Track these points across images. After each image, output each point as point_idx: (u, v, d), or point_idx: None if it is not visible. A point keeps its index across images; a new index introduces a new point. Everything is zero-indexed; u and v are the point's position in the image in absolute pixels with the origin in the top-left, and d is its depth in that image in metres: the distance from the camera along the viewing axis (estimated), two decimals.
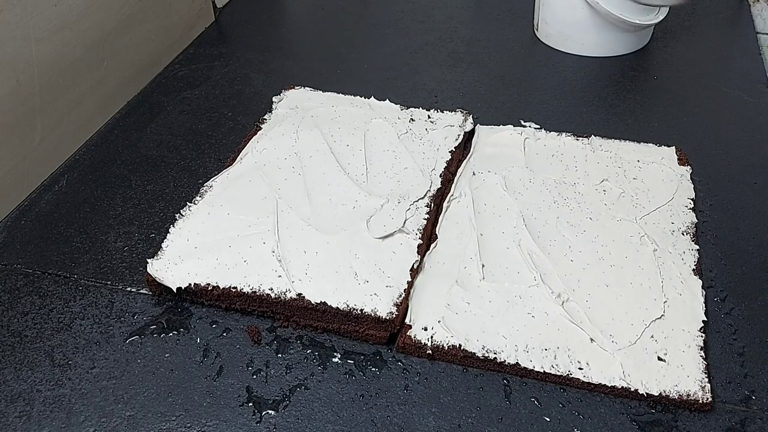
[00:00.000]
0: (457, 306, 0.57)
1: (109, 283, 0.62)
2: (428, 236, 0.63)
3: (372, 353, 0.55)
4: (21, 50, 0.68)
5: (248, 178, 0.68)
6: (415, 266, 0.59)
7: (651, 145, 0.74)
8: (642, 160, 0.71)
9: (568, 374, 0.52)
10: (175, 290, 0.58)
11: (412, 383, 0.53)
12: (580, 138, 0.74)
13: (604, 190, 0.68)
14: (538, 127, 0.77)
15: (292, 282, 0.57)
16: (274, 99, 0.81)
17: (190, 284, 0.58)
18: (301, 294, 0.57)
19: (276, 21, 1.06)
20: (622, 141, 0.74)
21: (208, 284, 0.58)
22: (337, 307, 0.56)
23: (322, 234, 0.62)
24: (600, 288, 0.58)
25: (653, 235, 0.63)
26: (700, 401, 0.50)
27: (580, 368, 0.52)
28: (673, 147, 0.73)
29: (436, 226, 0.64)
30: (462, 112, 0.78)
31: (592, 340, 0.54)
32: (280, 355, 0.55)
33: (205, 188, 0.68)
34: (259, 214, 0.64)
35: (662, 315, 0.56)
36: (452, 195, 0.67)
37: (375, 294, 0.56)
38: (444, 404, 0.52)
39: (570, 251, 0.61)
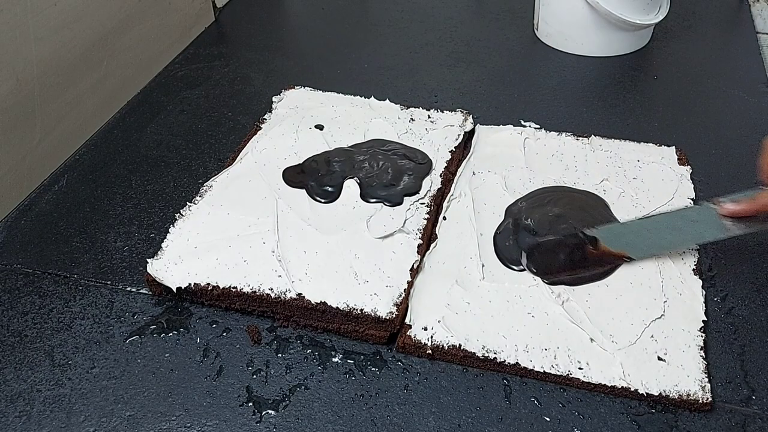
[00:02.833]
0: (457, 306, 0.57)
1: (109, 283, 0.62)
2: (428, 236, 0.63)
3: (372, 353, 0.55)
4: (21, 50, 0.68)
5: (248, 178, 0.68)
6: (415, 266, 0.59)
7: (651, 145, 0.74)
8: (642, 160, 0.71)
9: (568, 374, 0.52)
10: (175, 290, 0.58)
11: (412, 383, 0.53)
12: (580, 138, 0.74)
13: (604, 190, 0.68)
14: (538, 127, 0.77)
15: (292, 282, 0.57)
16: (274, 99, 0.81)
17: (190, 284, 0.58)
18: (301, 294, 0.57)
19: (276, 21, 1.06)
20: (622, 141, 0.74)
21: (208, 284, 0.58)
22: (337, 307, 0.56)
23: (322, 234, 0.62)
24: (600, 288, 0.58)
25: None
26: (700, 401, 0.50)
27: (580, 368, 0.52)
28: (673, 147, 0.73)
29: (436, 226, 0.64)
30: (462, 112, 0.78)
31: (592, 340, 0.54)
32: (280, 355, 0.55)
33: (205, 188, 0.68)
34: (259, 214, 0.64)
35: (662, 315, 0.56)
36: (452, 195, 0.67)
37: (375, 294, 0.56)
38: (444, 404, 0.52)
39: None
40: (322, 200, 0.65)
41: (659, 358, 0.53)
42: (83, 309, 0.59)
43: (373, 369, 0.54)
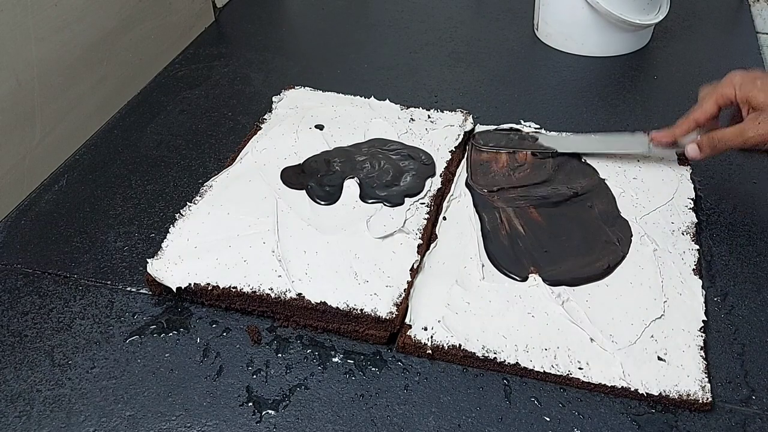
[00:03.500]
0: (457, 306, 0.57)
1: (109, 283, 0.62)
2: (428, 236, 0.63)
3: (372, 353, 0.55)
4: (21, 50, 0.68)
5: (248, 178, 0.68)
6: (415, 266, 0.59)
7: None
8: (642, 160, 0.71)
9: (568, 374, 0.52)
10: (175, 290, 0.58)
11: (412, 383, 0.53)
12: None
13: None
14: (538, 127, 0.77)
15: (292, 282, 0.57)
16: (274, 99, 0.81)
17: (190, 284, 0.58)
18: (301, 294, 0.57)
19: (276, 21, 1.06)
20: None
21: (208, 284, 0.58)
22: (337, 307, 0.56)
23: (322, 234, 0.62)
24: (600, 288, 0.58)
25: (653, 235, 0.63)
26: (700, 401, 0.50)
27: (580, 368, 0.52)
28: None
29: (436, 226, 0.64)
30: (462, 112, 0.78)
31: (592, 340, 0.54)
32: (280, 355, 0.55)
33: (205, 188, 0.68)
34: (259, 214, 0.64)
35: (662, 315, 0.56)
36: (452, 195, 0.67)
37: (375, 294, 0.56)
38: (444, 404, 0.52)
39: None
40: (323, 202, 0.65)
41: (659, 358, 0.53)
42: (83, 309, 0.59)
43: (373, 369, 0.54)
